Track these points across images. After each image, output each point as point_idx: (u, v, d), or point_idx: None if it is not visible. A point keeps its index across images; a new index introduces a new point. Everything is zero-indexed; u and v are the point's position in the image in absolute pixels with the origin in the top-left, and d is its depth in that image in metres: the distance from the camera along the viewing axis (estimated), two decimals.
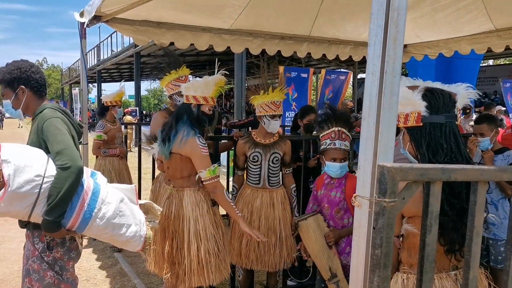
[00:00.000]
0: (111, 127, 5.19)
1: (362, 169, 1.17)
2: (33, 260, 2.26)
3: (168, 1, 3.96)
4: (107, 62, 20.48)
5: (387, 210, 1.05)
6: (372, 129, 1.16)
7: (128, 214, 2.30)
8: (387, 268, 1.08)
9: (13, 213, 2.08)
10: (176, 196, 2.88)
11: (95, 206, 2.15)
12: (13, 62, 2.41)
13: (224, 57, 15.91)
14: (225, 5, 4.50)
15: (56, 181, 2.05)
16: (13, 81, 2.34)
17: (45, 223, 2.07)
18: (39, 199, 2.04)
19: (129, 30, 4.65)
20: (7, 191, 1.96)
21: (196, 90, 2.86)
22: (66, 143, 2.16)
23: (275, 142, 3.31)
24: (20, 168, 1.99)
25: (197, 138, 2.78)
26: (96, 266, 4.46)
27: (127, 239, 2.28)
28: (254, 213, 3.25)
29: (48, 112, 2.29)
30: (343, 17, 4.98)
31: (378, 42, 1.16)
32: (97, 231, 2.21)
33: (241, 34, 5.17)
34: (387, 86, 1.16)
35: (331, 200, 2.81)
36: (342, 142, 2.73)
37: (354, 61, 14.00)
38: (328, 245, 2.74)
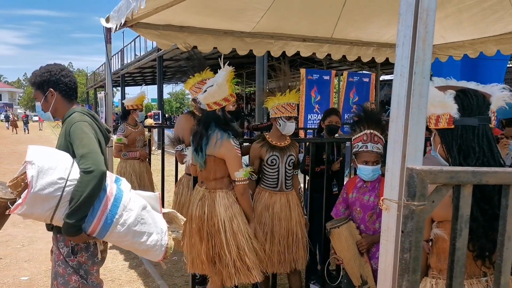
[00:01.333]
0: (132, 130, 5.25)
1: (390, 172, 1.15)
2: (59, 264, 2.29)
3: (191, 5, 3.99)
4: (130, 66, 20.81)
5: (416, 213, 1.03)
6: (400, 131, 1.14)
7: (149, 222, 2.27)
8: (416, 273, 1.06)
9: (36, 215, 2.08)
10: (209, 198, 2.93)
11: (116, 212, 2.14)
12: (46, 65, 2.46)
13: (245, 60, 15.97)
14: (246, 8, 4.53)
15: (78, 185, 2.06)
16: (43, 83, 2.39)
17: (66, 226, 2.08)
18: (61, 202, 2.04)
19: (152, 35, 4.73)
20: (30, 192, 1.97)
21: (214, 96, 2.88)
22: (90, 147, 2.16)
23: (289, 145, 3.32)
24: (43, 170, 2.01)
25: (231, 139, 2.85)
26: (121, 267, 4.52)
27: (147, 247, 2.25)
28: (274, 217, 3.24)
29: (76, 116, 2.32)
30: (366, 18, 4.94)
31: (406, 43, 1.14)
32: (117, 238, 2.19)
33: (262, 37, 5.19)
34: (416, 87, 1.14)
35: (364, 204, 2.77)
36: (374, 145, 2.69)
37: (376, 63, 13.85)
38: (359, 252, 2.70)
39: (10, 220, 6.54)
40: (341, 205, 2.95)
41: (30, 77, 2.51)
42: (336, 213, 2.95)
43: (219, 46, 5.07)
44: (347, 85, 8.45)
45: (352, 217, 2.85)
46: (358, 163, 2.75)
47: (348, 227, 2.75)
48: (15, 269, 4.51)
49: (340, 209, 2.94)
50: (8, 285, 4.11)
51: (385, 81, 21.00)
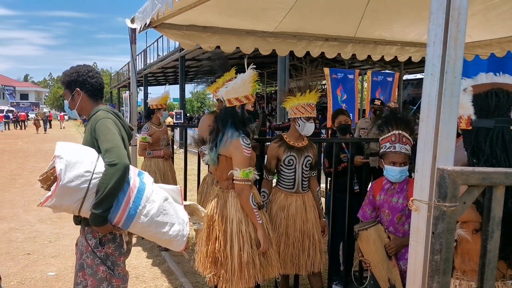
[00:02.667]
0: (156, 129, 5.28)
1: (420, 172, 1.14)
2: (87, 255, 2.38)
3: (214, 5, 4.02)
4: (153, 66, 21.07)
5: (447, 214, 1.02)
6: (431, 131, 1.13)
7: (171, 213, 2.36)
8: (446, 274, 1.05)
9: (65, 207, 2.18)
10: (222, 197, 2.93)
11: (140, 203, 2.23)
12: (76, 66, 2.59)
13: (267, 59, 15.97)
14: (269, 8, 4.53)
15: (104, 177, 2.16)
16: (71, 83, 2.51)
17: (92, 217, 2.18)
18: (88, 194, 2.14)
19: (176, 35, 4.78)
20: (59, 185, 2.07)
21: (237, 92, 2.89)
22: (114, 142, 2.27)
23: (307, 146, 3.29)
24: (71, 164, 2.11)
25: (241, 138, 2.81)
26: (144, 264, 4.59)
27: (170, 238, 2.34)
28: (290, 218, 3.21)
29: (101, 114, 2.43)
30: (390, 17, 4.88)
31: (438, 42, 1.13)
32: (141, 228, 2.28)
33: (285, 36, 5.18)
34: (447, 87, 1.12)
35: (393, 206, 2.71)
36: (402, 146, 2.64)
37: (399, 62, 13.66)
38: (387, 255, 2.65)
39: (38, 217, 6.73)
40: (367, 207, 2.89)
41: (61, 76, 2.64)
42: (363, 215, 2.90)
43: (241, 46, 5.09)
44: (372, 84, 8.33)
45: (380, 219, 2.80)
46: (385, 164, 2.70)
47: (377, 230, 2.70)
48: (43, 265, 4.63)
49: (367, 211, 2.88)
50: (36, 280, 4.22)
51: (408, 81, 20.68)
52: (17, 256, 4.89)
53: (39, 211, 6.90)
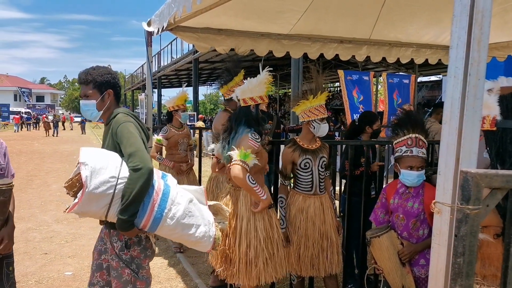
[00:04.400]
0: (175, 132, 5.04)
1: (442, 175, 1.14)
2: (112, 257, 2.39)
3: (229, 8, 4.05)
4: (167, 69, 21.24)
5: (470, 217, 1.02)
6: (454, 134, 1.12)
7: (197, 215, 2.36)
8: (469, 277, 1.05)
9: (92, 213, 2.18)
10: (233, 195, 3.00)
11: (165, 207, 2.23)
12: (101, 67, 2.57)
13: (280, 62, 15.97)
14: (284, 10, 4.54)
15: (128, 182, 2.15)
16: (104, 84, 2.49)
17: (119, 222, 2.18)
18: (114, 199, 2.14)
19: (191, 38, 4.82)
20: (85, 192, 2.07)
21: (252, 91, 2.99)
22: (137, 146, 2.25)
23: (320, 147, 3.30)
24: (96, 170, 2.11)
25: (250, 134, 2.89)
26: (159, 265, 4.63)
27: (196, 239, 2.34)
28: (309, 220, 3.22)
29: (122, 117, 2.42)
30: (405, 18, 4.86)
31: (461, 44, 1.12)
32: (168, 231, 2.28)
33: (300, 39, 5.19)
34: (470, 89, 1.12)
35: (408, 211, 2.66)
36: (419, 149, 2.59)
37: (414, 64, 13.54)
38: (401, 261, 2.61)
39: (54, 217, 6.81)
40: (380, 210, 2.84)
41: (84, 74, 2.51)
42: (375, 218, 2.87)
43: (256, 48, 5.11)
44: (388, 86, 8.23)
45: (393, 223, 2.75)
46: (401, 168, 2.64)
47: (389, 236, 2.65)
48: (60, 264, 4.69)
49: (379, 214, 2.84)
50: (53, 280, 4.28)
51: (422, 83, 20.48)
52: (34, 255, 4.97)
53: (55, 211, 7.00)
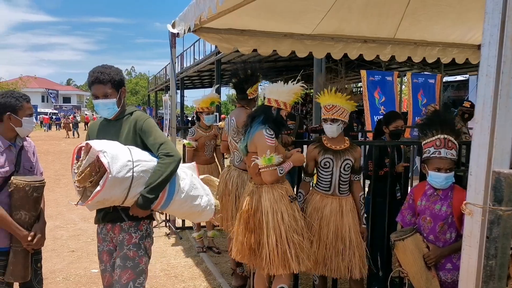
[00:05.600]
0: (202, 134, 4.97)
1: (474, 176, 1.11)
2: (129, 247, 2.45)
3: (252, 9, 4.07)
4: (189, 70, 21.44)
5: (503, 218, 0.99)
6: (486, 134, 1.10)
7: (199, 187, 2.59)
8: (502, 280, 1.02)
9: (112, 199, 2.27)
10: (256, 192, 3.05)
11: (175, 182, 2.42)
12: (112, 66, 2.59)
13: (302, 62, 15.91)
14: (307, 10, 4.53)
15: (160, 165, 2.33)
16: (120, 82, 2.56)
17: (144, 201, 2.30)
18: (133, 182, 2.25)
19: (214, 39, 4.86)
20: (109, 178, 2.15)
21: (279, 95, 3.04)
22: (166, 138, 2.50)
23: (347, 149, 3.22)
24: (114, 156, 2.21)
25: (264, 130, 2.95)
26: (183, 264, 4.67)
27: (202, 209, 2.55)
28: (323, 220, 3.21)
29: (142, 114, 2.60)
30: (431, 17, 4.78)
31: (493, 42, 1.10)
32: (179, 205, 2.45)
33: (323, 39, 5.16)
34: (503, 87, 1.09)
35: (435, 213, 2.59)
36: (448, 151, 2.52)
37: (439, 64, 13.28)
38: (426, 265, 2.55)
39: (81, 215, 6.95)
40: (407, 212, 2.79)
41: (101, 74, 2.49)
42: (402, 220, 2.82)
43: (278, 48, 5.11)
44: (413, 86, 8.05)
45: (419, 225, 2.68)
46: (429, 170, 2.58)
47: (414, 240, 2.59)
48: (86, 262, 4.79)
49: (406, 215, 2.78)
50: (80, 277, 4.37)
51: (448, 83, 20.05)
52: (62, 253, 5.09)
53: (82, 210, 7.15)
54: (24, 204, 2.57)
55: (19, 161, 2.68)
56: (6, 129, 2.64)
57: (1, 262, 2.59)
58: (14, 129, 2.65)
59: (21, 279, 2.62)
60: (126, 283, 2.41)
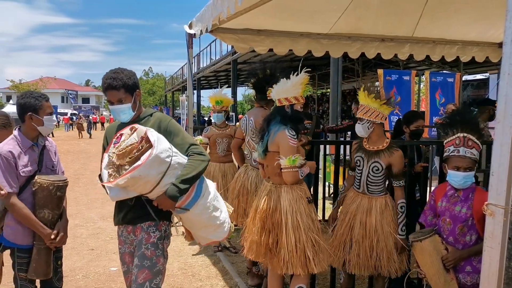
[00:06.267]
0: (215, 131, 5.05)
1: (496, 176, 1.09)
2: (147, 246, 2.43)
3: (269, 8, 4.06)
4: (206, 70, 21.55)
5: None
6: (508, 133, 1.08)
7: (220, 201, 2.59)
8: None
9: (145, 179, 2.21)
10: (275, 192, 3.07)
11: (202, 186, 2.45)
12: (124, 69, 2.52)
13: (318, 62, 15.83)
14: (323, 10, 4.51)
15: (193, 161, 2.37)
16: (133, 86, 2.50)
17: (174, 190, 2.29)
18: (169, 170, 2.26)
19: (231, 39, 4.88)
20: (152, 153, 2.17)
21: (287, 92, 3.07)
22: (193, 139, 2.55)
23: (380, 151, 3.17)
24: (159, 138, 2.27)
25: (286, 130, 2.98)
26: (200, 263, 4.70)
27: (220, 223, 2.53)
28: (350, 216, 3.25)
29: (163, 115, 2.60)
30: (450, 15, 4.71)
31: None
32: (201, 210, 2.44)
33: (339, 38, 5.13)
34: None
35: (455, 215, 2.55)
36: (467, 150, 2.48)
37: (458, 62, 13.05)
38: (445, 267, 2.51)
39: (100, 214, 7.06)
40: (428, 212, 2.76)
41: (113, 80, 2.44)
42: (424, 220, 2.79)
43: (294, 48, 5.10)
44: (430, 85, 7.95)
45: (439, 227, 2.65)
46: (448, 169, 2.55)
47: (433, 241, 2.55)
48: (105, 260, 4.86)
49: (428, 216, 2.75)
50: (99, 275, 4.44)
51: (467, 81, 19.68)
52: (81, 251, 5.18)
53: (101, 209, 7.26)
54: (48, 203, 2.62)
55: (41, 161, 2.74)
56: (28, 129, 2.70)
57: (24, 259, 2.65)
58: (36, 128, 2.70)
59: (43, 276, 2.68)
60: (142, 282, 2.38)
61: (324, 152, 5.55)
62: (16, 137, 2.67)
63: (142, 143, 2.26)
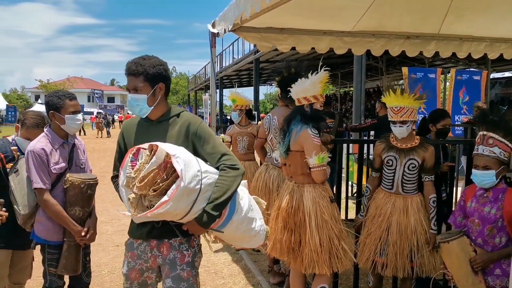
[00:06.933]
0: (236, 129, 5.18)
1: None
2: (183, 267, 2.22)
3: (291, 7, 4.05)
4: (228, 69, 21.64)
5: None
6: None
7: (254, 208, 2.33)
8: None
9: (175, 212, 1.98)
10: (297, 191, 3.07)
11: (235, 201, 2.17)
12: (154, 57, 2.26)
13: (340, 60, 15.69)
14: (347, 7, 4.47)
15: (225, 178, 2.06)
16: (156, 76, 2.20)
17: (207, 218, 2.03)
18: (200, 196, 1.99)
19: (254, 38, 4.88)
20: (180, 186, 1.88)
21: (305, 91, 3.06)
22: (227, 148, 2.19)
23: (414, 148, 3.13)
24: (187, 163, 1.94)
25: (309, 129, 2.97)
26: (222, 261, 4.74)
27: (256, 233, 2.29)
28: (384, 218, 3.16)
29: (194, 116, 2.29)
30: (477, 11, 4.59)
31: None
32: (236, 226, 2.18)
33: (363, 35, 5.07)
34: None
35: (484, 216, 2.51)
36: (485, 148, 2.46)
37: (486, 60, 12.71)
38: (473, 270, 2.46)
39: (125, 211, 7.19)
40: (458, 213, 2.72)
41: (134, 65, 2.20)
42: (454, 221, 2.74)
43: (317, 46, 5.07)
44: (455, 84, 7.76)
45: (467, 228, 2.60)
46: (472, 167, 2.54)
47: (460, 243, 2.51)
48: None
49: (457, 217, 2.71)
50: None
51: (495, 79, 19.14)
52: (107, 247, 5.29)
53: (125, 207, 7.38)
54: (79, 201, 2.68)
55: (71, 158, 2.82)
56: (55, 127, 2.78)
57: (54, 255, 2.72)
58: (60, 126, 2.77)
59: (72, 272, 2.75)
60: None
61: (347, 151, 5.52)
62: (47, 135, 2.75)
63: (167, 170, 1.96)
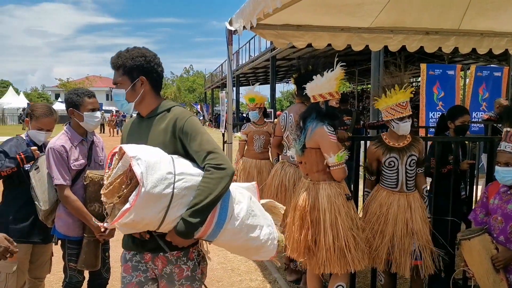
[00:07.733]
0: (252, 128, 5.07)
1: None
2: (181, 282, 2.02)
3: (308, 4, 4.04)
4: (245, 67, 21.68)
5: None
6: None
7: (259, 214, 2.05)
8: None
9: (146, 221, 1.79)
10: (313, 189, 3.06)
11: (227, 207, 1.92)
12: (136, 48, 2.07)
13: (358, 57, 15.57)
14: (365, 3, 4.43)
15: (208, 180, 1.83)
16: (134, 69, 2.01)
17: (185, 226, 1.80)
18: (173, 201, 1.78)
19: (271, 35, 4.88)
20: (141, 192, 1.69)
21: (321, 89, 3.03)
22: (215, 145, 1.95)
23: (410, 143, 3.15)
24: (151, 165, 1.74)
25: (325, 126, 2.96)
26: (239, 258, 4.73)
27: (261, 243, 2.03)
28: (389, 217, 3.14)
29: (184, 111, 2.07)
30: (499, 6, 4.50)
31: None
32: (231, 236, 1.95)
33: (381, 31, 5.02)
34: None
35: (508, 213, 2.47)
36: (507, 144, 2.43)
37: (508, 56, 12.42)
38: (495, 267, 2.42)
39: None
40: (480, 210, 2.68)
41: (115, 58, 2.06)
42: (474, 218, 2.70)
43: (333, 42, 5.04)
44: (475, 80, 7.59)
45: (490, 225, 2.56)
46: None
47: (482, 240, 2.47)
48: None
49: (479, 214, 2.67)
50: None
51: None
52: None
53: None
54: (99, 197, 2.61)
55: (90, 155, 2.87)
56: (74, 124, 2.83)
57: (74, 250, 2.77)
58: (79, 124, 2.82)
59: (91, 267, 2.80)
60: None
61: (364, 148, 5.45)
62: (66, 132, 2.80)
63: (130, 174, 1.78)
